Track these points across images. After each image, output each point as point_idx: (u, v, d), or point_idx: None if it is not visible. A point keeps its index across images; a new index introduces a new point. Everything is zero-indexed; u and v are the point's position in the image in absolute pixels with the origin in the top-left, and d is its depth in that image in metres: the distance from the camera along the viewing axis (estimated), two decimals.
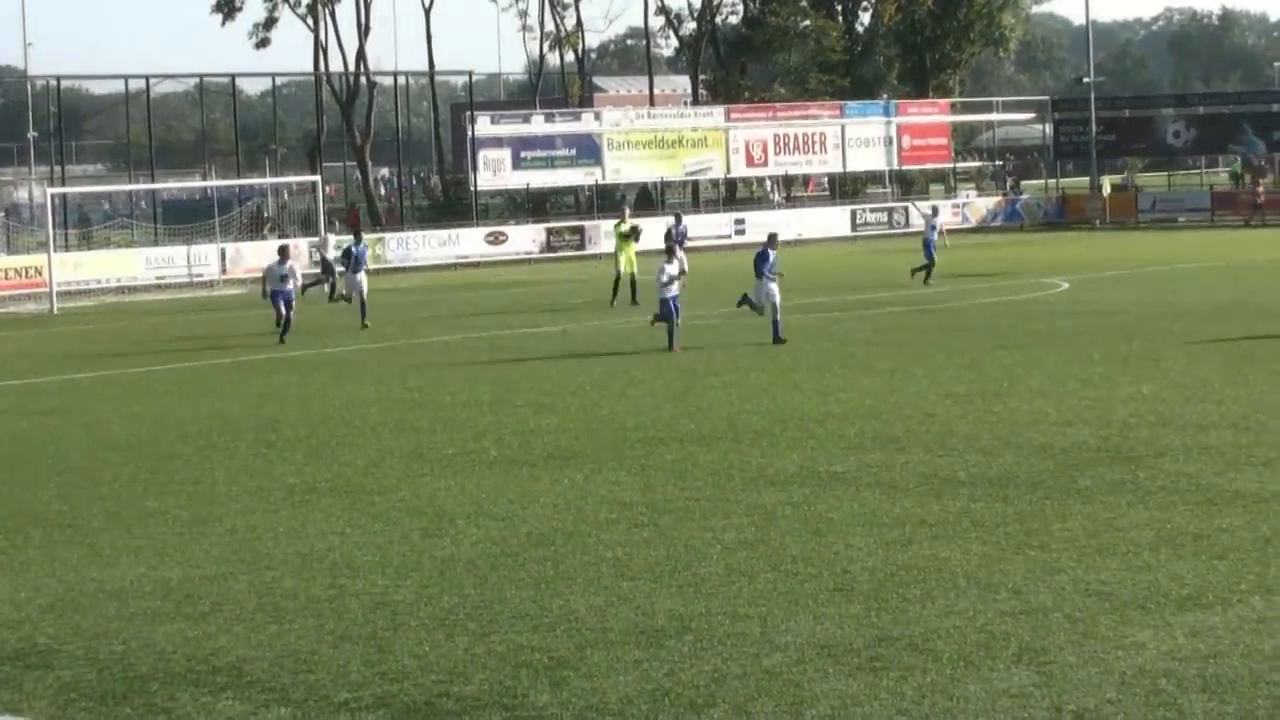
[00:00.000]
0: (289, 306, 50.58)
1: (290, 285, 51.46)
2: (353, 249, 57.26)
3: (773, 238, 48.92)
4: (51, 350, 54.09)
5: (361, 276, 56.35)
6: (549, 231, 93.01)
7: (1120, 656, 17.22)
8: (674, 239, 59.66)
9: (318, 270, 66.45)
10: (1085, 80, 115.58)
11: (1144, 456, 27.96)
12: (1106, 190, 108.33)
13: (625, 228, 63.23)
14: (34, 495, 28.31)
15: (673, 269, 47.13)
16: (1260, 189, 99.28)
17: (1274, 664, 16.82)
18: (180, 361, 47.98)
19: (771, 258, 47.24)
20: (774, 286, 47.05)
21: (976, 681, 16.59)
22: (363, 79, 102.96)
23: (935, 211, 74.21)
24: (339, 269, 61.55)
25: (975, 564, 21.13)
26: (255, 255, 73.12)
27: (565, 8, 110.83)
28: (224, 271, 78.27)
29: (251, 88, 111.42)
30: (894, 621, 18.78)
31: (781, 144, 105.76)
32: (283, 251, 52.76)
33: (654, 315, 47.52)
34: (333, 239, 68.42)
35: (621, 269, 61.04)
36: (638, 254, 61.81)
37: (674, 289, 46.27)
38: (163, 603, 21.00)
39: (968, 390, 36.09)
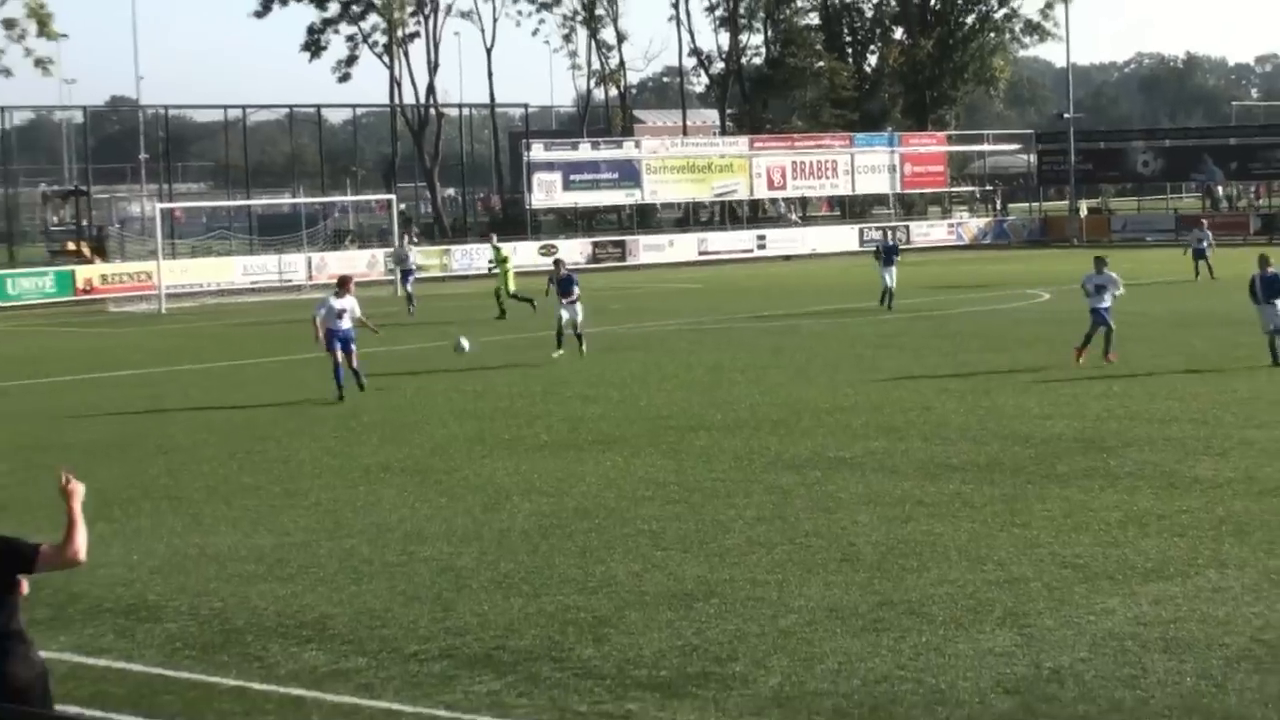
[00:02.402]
0: (347, 349, 36.64)
1: (348, 324, 36.68)
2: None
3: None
4: (160, 345, 54.10)
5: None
6: (594, 245, 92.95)
7: (1092, 621, 17.24)
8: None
9: (394, 277, 63.79)
10: (1065, 116, 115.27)
11: (1114, 446, 27.93)
12: (1083, 213, 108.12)
13: (504, 253, 63.03)
14: (143, 472, 28.41)
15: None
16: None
17: (1227, 628, 16.83)
18: (272, 356, 48.06)
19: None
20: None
21: (966, 641, 16.61)
22: (432, 110, 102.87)
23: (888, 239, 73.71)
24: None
25: (965, 539, 21.15)
26: (337, 263, 73.21)
27: (609, 49, 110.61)
28: (310, 277, 78.35)
29: (334, 117, 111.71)
30: (894, 588, 18.81)
31: (798, 170, 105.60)
32: (343, 283, 37.66)
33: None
34: (413, 250, 67.78)
35: (509, 286, 60.85)
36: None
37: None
38: (256, 566, 21.09)
39: (960, 387, 36.05)
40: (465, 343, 38.78)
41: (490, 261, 64.03)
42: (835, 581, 19.21)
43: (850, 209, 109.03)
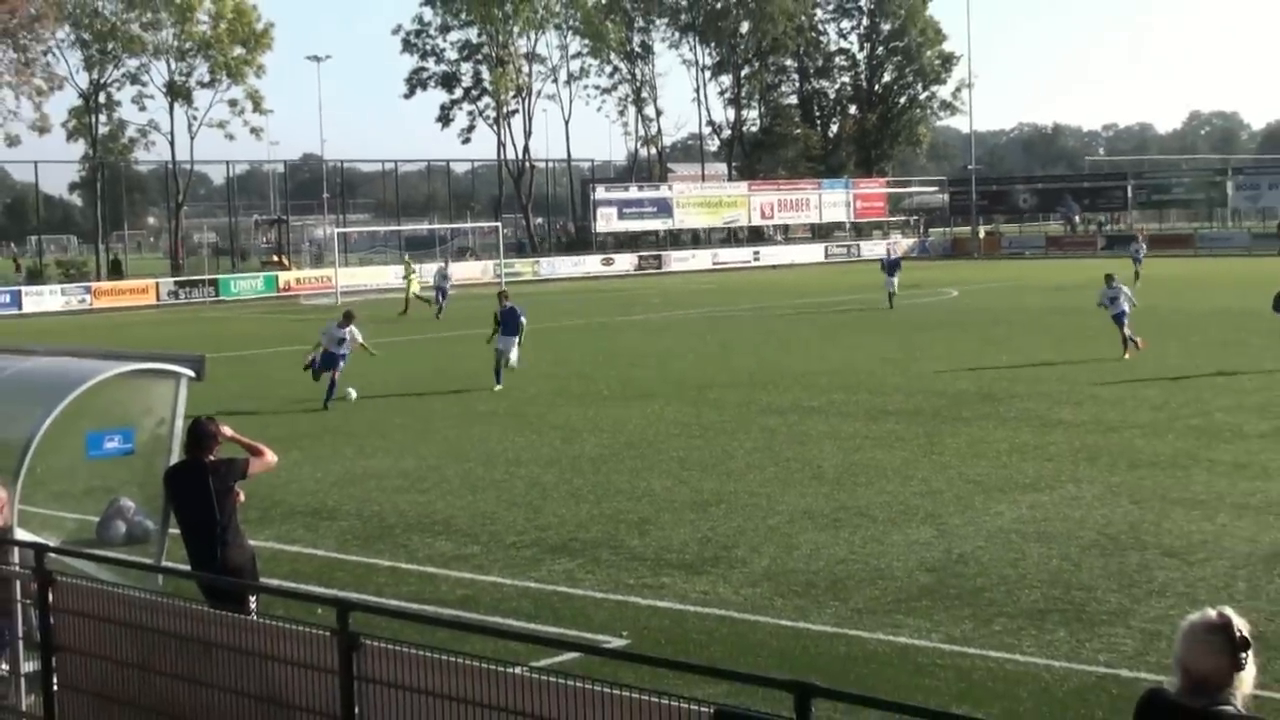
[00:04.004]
0: (335, 367, 30.17)
1: (344, 350, 30.51)
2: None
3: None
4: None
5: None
6: (640, 258, 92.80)
7: (987, 520, 17.18)
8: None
9: (432, 293, 57.77)
10: (969, 167, 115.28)
11: (1002, 398, 27.83)
12: (981, 235, 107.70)
13: (412, 269, 62.72)
14: (320, 415, 28.45)
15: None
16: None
17: (1081, 525, 16.78)
18: (415, 334, 48.11)
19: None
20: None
21: (898, 535, 16.56)
22: (526, 163, 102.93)
23: (890, 254, 73.05)
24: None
25: (898, 463, 21.09)
26: (460, 270, 72.65)
27: (650, 120, 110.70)
28: (433, 279, 78.31)
29: (459, 169, 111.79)
30: (848, 497, 18.76)
31: (782, 205, 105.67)
32: (347, 316, 31.23)
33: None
34: (452, 267, 64.70)
35: (412, 291, 60.05)
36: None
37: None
38: (402, 481, 21.13)
39: (895, 356, 35.96)
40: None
41: (403, 276, 63.03)
42: (807, 492, 19.18)
43: (818, 232, 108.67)
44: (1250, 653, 4.84)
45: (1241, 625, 4.84)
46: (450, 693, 7.07)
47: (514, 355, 32.13)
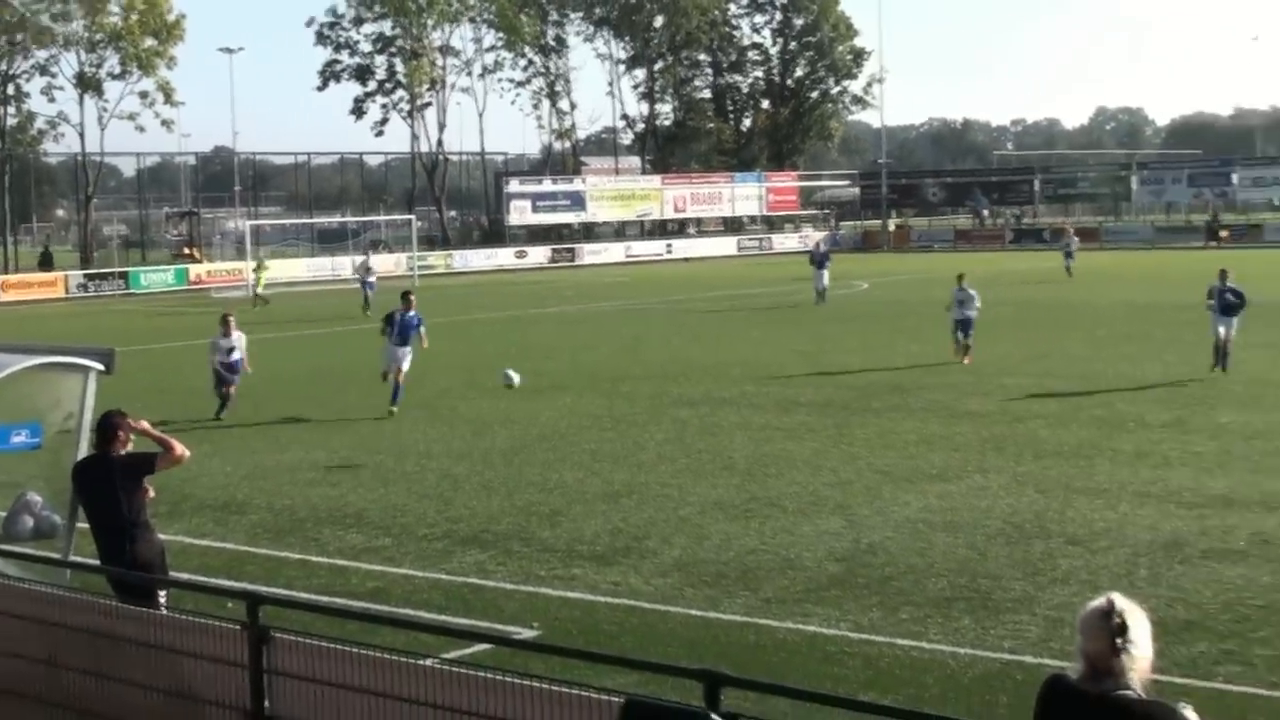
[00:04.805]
0: (226, 380, 27.44)
1: (236, 358, 27.57)
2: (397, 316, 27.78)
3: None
4: (248, 319, 53.70)
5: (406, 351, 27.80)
6: (553, 250, 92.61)
7: (895, 510, 17.32)
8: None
9: (359, 283, 55.55)
10: (879, 161, 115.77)
11: (911, 389, 28.07)
12: (892, 228, 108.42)
13: (265, 265, 63.01)
14: (237, 407, 28.14)
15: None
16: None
17: (987, 514, 16.95)
18: (324, 329, 47.82)
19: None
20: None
21: (808, 525, 16.67)
22: (440, 156, 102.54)
23: (819, 247, 73.20)
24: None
25: (809, 453, 21.21)
26: (375, 263, 72.14)
27: (564, 114, 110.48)
28: (354, 273, 77.89)
29: (372, 161, 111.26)
30: (759, 488, 18.85)
31: (695, 199, 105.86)
32: (225, 323, 28.19)
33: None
34: (374, 259, 63.81)
35: (259, 288, 60.24)
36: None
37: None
38: (314, 474, 21.02)
39: (806, 349, 36.14)
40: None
41: (254, 269, 63.08)
42: (718, 483, 19.26)
43: (730, 226, 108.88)
44: (1141, 637, 4.91)
45: (1125, 610, 4.91)
46: (361, 685, 7.06)
47: (406, 365, 27.20)
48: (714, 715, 6.21)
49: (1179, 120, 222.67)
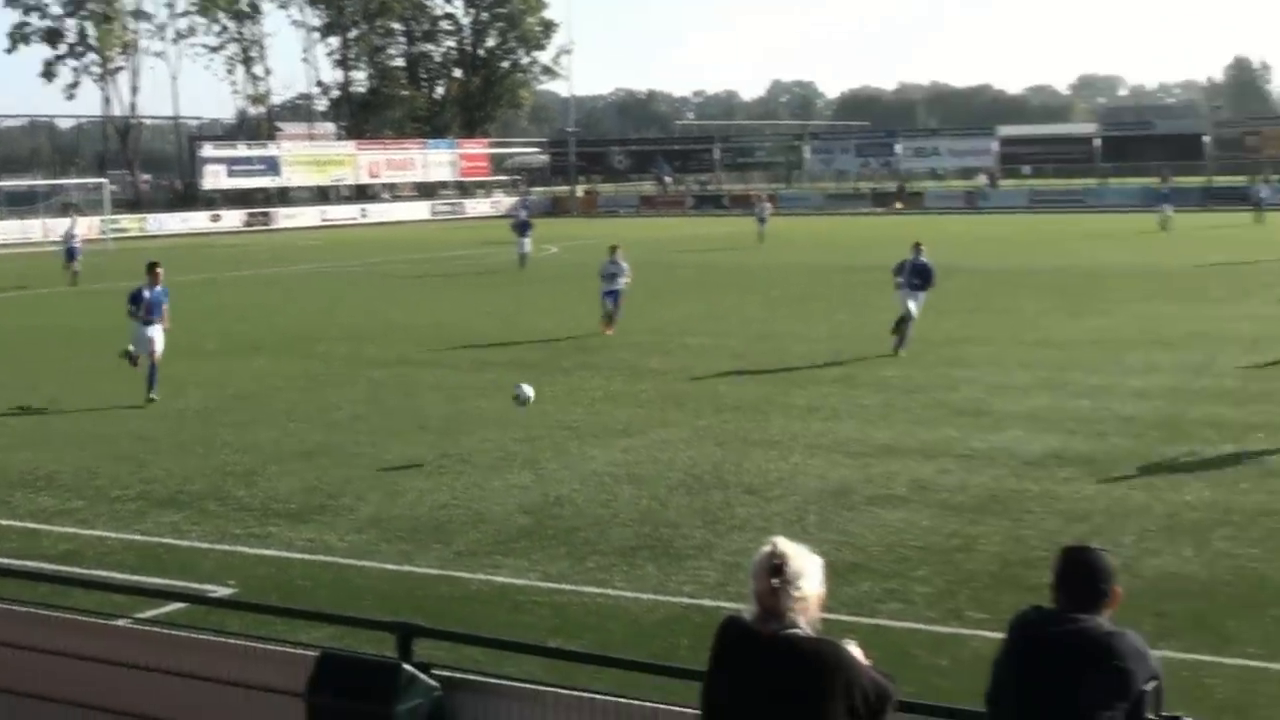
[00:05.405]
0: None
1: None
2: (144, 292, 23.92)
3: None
4: None
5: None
6: (249, 214, 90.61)
7: (582, 463, 17.54)
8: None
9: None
10: (568, 130, 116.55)
11: (597, 349, 28.40)
12: (580, 194, 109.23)
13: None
14: None
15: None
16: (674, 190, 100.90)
17: (669, 466, 17.29)
18: (42, 289, 45.90)
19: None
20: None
21: (498, 480, 16.76)
22: (133, 120, 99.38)
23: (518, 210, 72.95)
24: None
25: (499, 411, 21.24)
26: (62, 227, 69.25)
27: (259, 79, 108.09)
28: (45, 236, 74.88)
29: (63, 124, 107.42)
30: (452, 445, 18.86)
31: (389, 165, 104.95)
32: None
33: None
34: (80, 222, 61.31)
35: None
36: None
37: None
38: (5, 437, 20.23)
39: (496, 309, 36.21)
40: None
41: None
42: (412, 441, 19.21)
43: (424, 191, 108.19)
44: (807, 580, 5.10)
45: (789, 554, 5.10)
46: (54, 648, 6.88)
47: (159, 347, 23.32)
48: (405, 665, 6.25)
49: (848, 94, 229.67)
